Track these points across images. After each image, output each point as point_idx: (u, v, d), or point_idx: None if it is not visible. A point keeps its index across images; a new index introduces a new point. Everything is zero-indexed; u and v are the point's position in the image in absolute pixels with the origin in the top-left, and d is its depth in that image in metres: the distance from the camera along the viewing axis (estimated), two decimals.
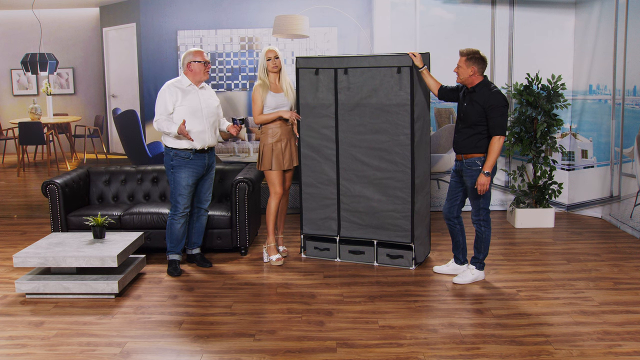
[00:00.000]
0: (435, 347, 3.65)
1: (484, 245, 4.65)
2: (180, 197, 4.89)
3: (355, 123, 5.02)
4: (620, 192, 6.30)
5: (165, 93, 4.79)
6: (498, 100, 4.40)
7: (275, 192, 5.17)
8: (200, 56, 4.84)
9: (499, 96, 4.42)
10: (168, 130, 4.73)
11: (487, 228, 4.61)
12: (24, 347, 3.73)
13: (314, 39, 6.87)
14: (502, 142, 4.43)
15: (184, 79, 4.87)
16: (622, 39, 6.11)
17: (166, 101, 4.77)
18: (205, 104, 4.89)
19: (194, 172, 4.90)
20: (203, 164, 4.94)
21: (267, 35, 6.89)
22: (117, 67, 7.10)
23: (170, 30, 6.94)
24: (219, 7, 6.89)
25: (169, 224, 4.98)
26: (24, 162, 7.44)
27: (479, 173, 4.47)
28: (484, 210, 4.58)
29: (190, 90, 4.85)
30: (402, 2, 6.78)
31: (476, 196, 4.55)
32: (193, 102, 4.82)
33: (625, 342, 3.67)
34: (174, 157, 4.85)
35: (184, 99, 4.79)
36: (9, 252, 5.63)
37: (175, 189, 4.90)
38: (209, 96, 4.97)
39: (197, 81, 4.87)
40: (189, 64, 4.83)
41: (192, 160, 4.86)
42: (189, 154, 4.85)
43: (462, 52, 4.55)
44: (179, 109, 4.78)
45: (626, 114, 6.11)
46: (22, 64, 7.04)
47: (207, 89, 5.00)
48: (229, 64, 6.98)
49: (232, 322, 4.05)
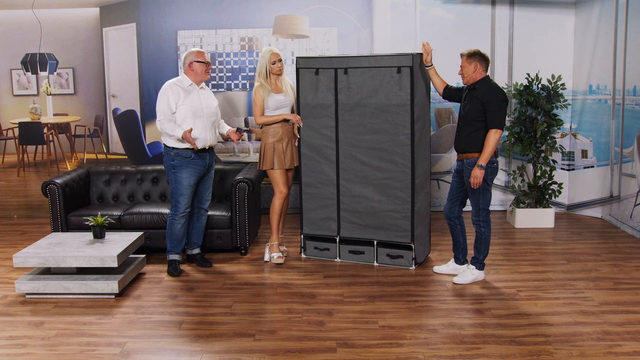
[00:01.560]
0: (435, 347, 3.65)
1: (483, 245, 4.65)
2: (182, 197, 4.89)
3: (355, 123, 5.02)
4: (620, 192, 6.30)
5: (168, 92, 4.78)
6: (496, 95, 4.41)
7: (280, 192, 5.17)
8: (202, 57, 4.85)
9: (497, 91, 4.43)
10: (172, 132, 4.73)
11: (486, 229, 4.61)
12: (24, 347, 3.73)
13: (314, 39, 6.87)
14: (499, 137, 4.42)
15: (184, 79, 4.87)
16: (622, 39, 6.11)
17: (169, 100, 4.76)
18: (205, 104, 4.89)
19: (195, 172, 4.90)
20: (204, 163, 4.94)
21: (267, 35, 6.89)
22: (117, 67, 7.10)
23: (170, 30, 6.94)
24: (219, 7, 6.89)
25: (169, 224, 4.98)
26: (24, 162, 7.44)
27: None
28: (484, 211, 4.58)
29: (192, 89, 4.86)
30: (402, 2, 6.78)
31: (476, 196, 4.55)
32: (194, 101, 4.82)
33: (625, 342, 3.67)
34: (175, 157, 4.85)
35: (185, 98, 4.79)
36: (9, 252, 5.63)
37: (176, 189, 4.90)
38: (208, 96, 4.98)
39: (197, 81, 4.87)
40: (190, 64, 4.83)
41: (194, 160, 4.87)
42: (190, 153, 4.85)
43: (462, 53, 4.58)
44: (181, 108, 4.78)
45: (626, 114, 6.11)
46: (22, 64, 7.04)
47: (206, 89, 5.00)
48: (229, 64, 6.98)
49: (232, 322, 4.05)
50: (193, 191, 4.96)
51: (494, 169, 4.54)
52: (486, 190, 4.54)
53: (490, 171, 4.51)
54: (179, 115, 4.78)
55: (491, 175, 4.54)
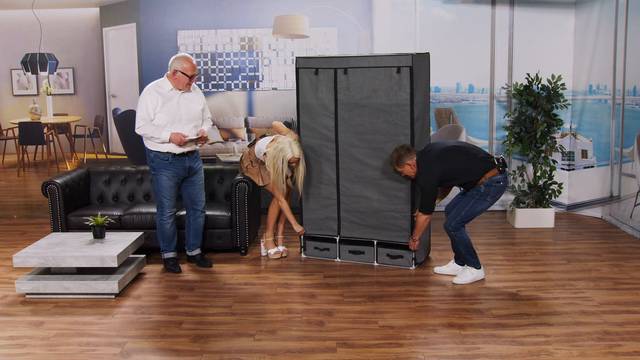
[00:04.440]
0: (435, 347, 3.65)
1: (464, 247, 4.64)
2: (164, 199, 4.91)
3: (355, 123, 5.02)
4: (620, 192, 6.30)
5: (147, 98, 4.75)
6: (423, 179, 4.55)
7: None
8: (189, 70, 4.71)
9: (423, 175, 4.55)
10: (158, 136, 4.73)
11: (458, 232, 4.62)
12: (24, 347, 3.73)
13: (314, 39, 6.87)
14: (427, 218, 4.67)
15: (165, 83, 4.80)
16: (622, 39, 6.11)
17: (147, 107, 4.74)
18: (185, 109, 4.81)
19: (174, 174, 4.88)
20: (183, 166, 4.91)
21: (267, 35, 6.89)
22: (117, 67, 7.09)
23: (170, 30, 6.94)
24: (219, 7, 6.89)
25: (159, 225, 5.01)
26: (24, 162, 7.44)
27: (479, 193, 4.51)
28: (460, 223, 4.59)
29: (172, 95, 4.79)
30: (402, 2, 6.78)
31: (463, 208, 4.56)
32: (173, 108, 4.76)
33: (625, 342, 3.67)
34: (154, 159, 4.86)
35: (163, 106, 4.74)
36: (9, 252, 5.63)
37: (158, 190, 4.91)
38: (191, 99, 4.87)
39: (179, 88, 4.80)
40: (175, 72, 4.75)
41: (171, 163, 4.85)
42: (168, 156, 4.83)
43: (391, 163, 4.68)
44: (159, 116, 4.75)
45: (626, 114, 6.11)
46: (22, 64, 7.04)
47: (191, 91, 4.89)
48: (229, 64, 6.98)
49: (232, 322, 4.05)
50: (175, 193, 4.96)
51: (499, 187, 4.52)
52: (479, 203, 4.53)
53: (494, 190, 4.50)
54: (156, 122, 4.75)
55: (494, 193, 4.52)
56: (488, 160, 4.51)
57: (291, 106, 6.80)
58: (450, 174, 4.50)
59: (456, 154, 4.52)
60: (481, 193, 4.50)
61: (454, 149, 4.56)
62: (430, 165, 4.49)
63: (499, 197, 4.57)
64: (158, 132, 4.74)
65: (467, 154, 4.52)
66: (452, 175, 4.51)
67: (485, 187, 4.48)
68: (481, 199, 4.51)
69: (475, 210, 4.55)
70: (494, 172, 4.47)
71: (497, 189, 4.50)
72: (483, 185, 4.48)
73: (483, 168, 4.48)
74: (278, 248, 5.42)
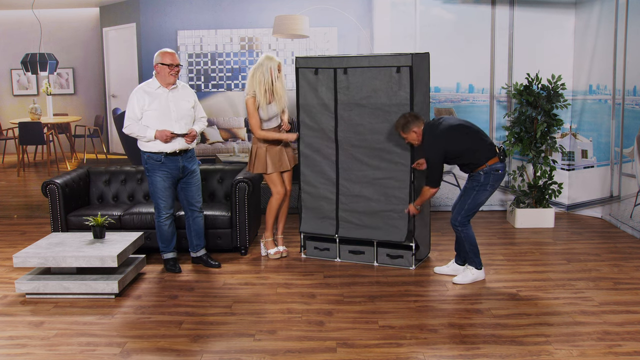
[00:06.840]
0: (435, 347, 3.65)
1: (469, 245, 4.65)
2: (160, 200, 4.91)
3: (354, 123, 5.02)
4: (620, 192, 6.30)
5: (134, 98, 4.75)
6: (429, 150, 4.51)
7: (277, 192, 5.18)
8: (167, 58, 4.71)
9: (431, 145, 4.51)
10: (144, 134, 4.73)
11: (465, 227, 4.62)
12: (24, 347, 3.74)
13: (314, 39, 6.87)
14: (433, 192, 4.60)
15: (153, 82, 4.80)
16: (622, 39, 6.11)
17: (134, 107, 4.74)
18: (175, 107, 4.80)
19: (168, 175, 4.87)
20: (176, 166, 4.89)
21: (267, 35, 6.89)
22: (117, 67, 7.10)
23: (170, 30, 6.94)
24: (219, 7, 6.89)
25: (157, 227, 5.01)
26: (24, 162, 7.44)
27: (479, 183, 4.51)
28: (465, 217, 4.59)
29: (160, 93, 4.77)
30: (402, 2, 6.78)
31: (466, 201, 4.56)
32: (161, 106, 4.75)
33: (625, 342, 3.67)
34: (147, 160, 4.86)
35: (151, 104, 4.74)
36: (9, 252, 5.63)
37: (154, 191, 4.91)
38: (181, 97, 4.86)
39: (166, 83, 4.78)
40: (156, 66, 4.75)
41: (164, 163, 4.84)
42: (160, 157, 4.82)
43: (396, 128, 4.65)
44: (147, 114, 4.75)
45: (626, 114, 6.11)
46: (22, 64, 7.04)
47: (180, 89, 4.87)
48: (229, 64, 6.98)
49: (232, 322, 4.05)
50: (171, 194, 4.94)
51: (498, 175, 4.53)
52: (481, 193, 4.53)
53: (493, 178, 4.51)
54: (145, 121, 4.75)
55: (493, 181, 4.52)
56: (492, 149, 4.55)
57: (291, 106, 6.79)
58: (456, 152, 4.50)
59: (466, 130, 4.53)
60: (481, 183, 4.51)
61: (465, 127, 4.55)
62: (439, 136, 4.49)
63: (497, 186, 4.59)
64: (144, 130, 4.73)
65: (477, 133, 4.55)
66: (457, 153, 4.51)
67: (485, 176, 4.49)
68: (482, 188, 4.52)
69: (478, 201, 4.56)
70: (495, 160, 4.52)
71: (495, 177, 4.51)
72: (482, 172, 4.49)
73: (487, 154, 4.50)
74: (278, 248, 5.42)
